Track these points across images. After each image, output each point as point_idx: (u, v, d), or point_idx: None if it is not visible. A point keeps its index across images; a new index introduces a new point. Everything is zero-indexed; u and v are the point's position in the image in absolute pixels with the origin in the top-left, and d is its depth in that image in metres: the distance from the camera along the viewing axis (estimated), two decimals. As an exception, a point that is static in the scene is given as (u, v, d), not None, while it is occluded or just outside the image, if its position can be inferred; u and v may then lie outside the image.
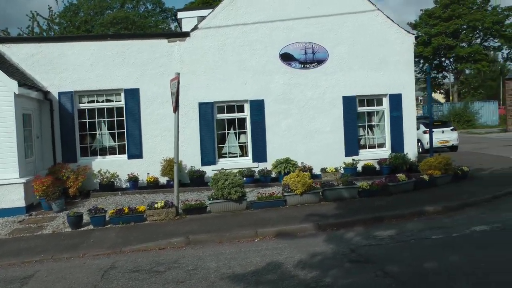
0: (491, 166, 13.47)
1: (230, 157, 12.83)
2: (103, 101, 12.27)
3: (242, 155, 12.89)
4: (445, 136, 19.28)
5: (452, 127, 20.37)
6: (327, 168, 12.31)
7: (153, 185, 11.74)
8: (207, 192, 10.23)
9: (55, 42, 12.11)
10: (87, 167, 11.45)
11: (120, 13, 36.81)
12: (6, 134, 9.86)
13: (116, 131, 12.33)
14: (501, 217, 7.93)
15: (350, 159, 12.72)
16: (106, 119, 12.29)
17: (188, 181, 11.96)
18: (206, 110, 12.35)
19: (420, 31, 44.53)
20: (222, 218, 8.69)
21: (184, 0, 79.89)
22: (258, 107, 12.57)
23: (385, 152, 13.19)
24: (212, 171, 11.27)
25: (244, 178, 11.68)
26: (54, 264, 6.70)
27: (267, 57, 12.54)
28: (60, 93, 11.79)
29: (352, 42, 12.91)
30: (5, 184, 9.82)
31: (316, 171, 12.38)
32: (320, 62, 12.80)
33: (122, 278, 5.85)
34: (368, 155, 13.12)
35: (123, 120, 12.17)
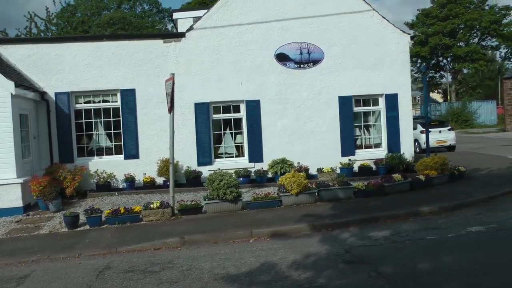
0: (489, 166, 13.44)
1: (227, 158, 12.85)
2: (100, 102, 12.29)
3: (239, 156, 12.91)
4: (443, 136, 19.28)
5: (450, 127, 20.36)
6: (324, 168, 12.33)
7: (150, 186, 11.76)
8: (204, 193, 10.25)
9: (52, 43, 12.13)
10: (84, 168, 11.47)
11: (117, 14, 36.80)
12: (3, 135, 9.88)
13: (113, 132, 12.35)
14: (498, 218, 7.94)
15: (347, 159, 12.74)
16: (103, 120, 12.31)
17: (185, 182, 11.99)
18: (202, 111, 12.37)
19: (417, 31, 44.56)
20: (218, 219, 8.71)
21: (181, 1, 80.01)
22: (254, 107, 12.59)
23: (382, 152, 13.20)
24: (209, 172, 11.27)
25: (240, 179, 11.73)
26: (50, 264, 6.73)
27: (263, 58, 12.56)
28: (57, 94, 11.81)
29: (348, 42, 12.93)
30: (3, 185, 9.86)
31: (313, 171, 12.41)
32: (316, 62, 12.82)
33: (117, 278, 5.88)
34: (365, 155, 13.14)
35: (120, 121, 12.20)
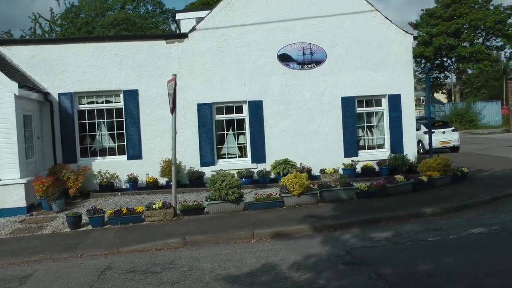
0: (492, 167, 13.36)
1: (229, 158, 12.86)
2: (103, 102, 12.35)
3: (241, 156, 12.92)
4: (446, 137, 19.21)
5: (453, 128, 20.29)
6: (326, 169, 12.31)
7: (153, 186, 11.79)
8: (206, 193, 10.26)
9: (55, 44, 12.20)
10: (87, 168, 11.52)
11: (121, 14, 36.94)
12: (7, 135, 9.96)
13: (116, 132, 12.40)
14: (500, 219, 7.89)
15: (349, 160, 12.72)
16: (106, 120, 12.37)
17: (187, 182, 12.01)
18: (205, 111, 12.39)
19: (421, 31, 44.36)
20: (219, 219, 8.73)
21: (185, 1, 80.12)
22: (257, 108, 12.59)
23: (385, 153, 13.17)
24: (211, 172, 11.28)
25: (243, 179, 11.75)
26: (53, 264, 6.77)
27: (265, 58, 12.57)
28: (60, 94, 11.87)
29: (350, 43, 12.91)
30: (6, 185, 9.93)
31: (315, 172, 12.39)
32: (318, 63, 12.80)
33: (118, 279, 5.91)
34: (367, 156, 13.11)
35: (123, 121, 12.24)
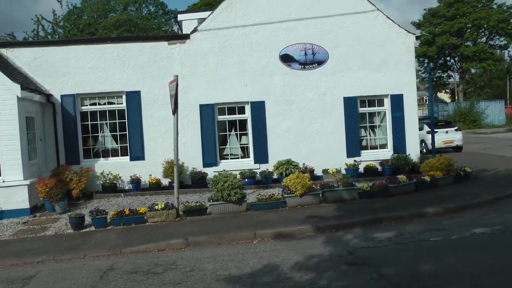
0: (495, 167, 13.31)
1: (232, 159, 12.87)
2: (105, 104, 12.38)
3: (244, 157, 12.93)
4: (449, 137, 19.13)
5: (457, 127, 20.18)
6: (329, 169, 12.30)
7: (155, 187, 11.82)
8: (209, 194, 10.26)
9: (57, 46, 12.24)
10: (90, 169, 11.55)
11: (123, 16, 37.02)
12: (10, 137, 10.00)
13: (118, 133, 12.44)
14: (503, 219, 7.86)
15: (352, 160, 12.70)
16: (108, 121, 12.40)
17: (190, 183, 12.03)
18: (207, 112, 12.41)
19: (424, 30, 44.20)
20: (222, 220, 8.73)
21: (187, 2, 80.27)
22: (259, 109, 12.60)
23: (387, 153, 13.14)
24: (214, 173, 11.27)
25: (246, 180, 11.76)
26: (56, 265, 6.80)
27: (267, 59, 12.57)
28: (63, 96, 11.92)
29: (352, 43, 12.89)
30: (10, 186, 9.97)
31: (318, 172, 12.38)
32: (320, 63, 12.80)
33: (120, 279, 5.93)
34: (370, 156, 13.09)
35: (125, 122, 12.28)
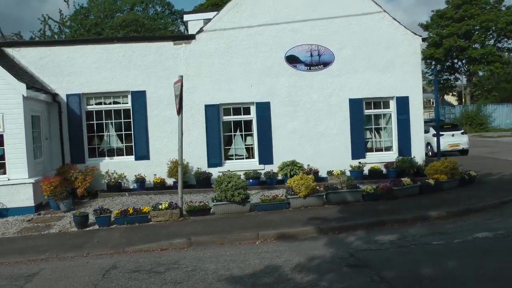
0: (501, 171, 13.22)
1: (237, 159, 12.88)
2: (110, 103, 12.45)
3: (249, 157, 12.93)
4: (455, 140, 18.99)
5: (463, 131, 20.04)
6: (334, 171, 12.26)
7: (160, 186, 11.86)
8: (213, 194, 10.28)
9: (63, 46, 12.33)
10: (95, 168, 11.62)
11: (130, 16, 37.17)
12: (15, 136, 10.09)
13: (124, 133, 12.50)
14: (507, 224, 7.80)
15: (357, 162, 12.65)
16: (114, 121, 12.47)
17: (195, 183, 12.06)
18: (212, 112, 12.43)
19: (432, 32, 43.91)
20: (225, 220, 8.75)
21: (194, 2, 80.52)
22: (264, 109, 12.60)
23: (392, 156, 13.08)
24: (219, 173, 11.29)
25: (250, 180, 11.78)
26: (59, 263, 6.85)
27: (273, 59, 12.57)
28: (68, 95, 12.00)
29: (358, 44, 12.84)
30: (15, 184, 10.07)
31: (323, 174, 12.37)
32: (326, 65, 12.77)
33: (122, 278, 5.96)
34: (375, 158, 13.04)
35: (130, 122, 12.34)
